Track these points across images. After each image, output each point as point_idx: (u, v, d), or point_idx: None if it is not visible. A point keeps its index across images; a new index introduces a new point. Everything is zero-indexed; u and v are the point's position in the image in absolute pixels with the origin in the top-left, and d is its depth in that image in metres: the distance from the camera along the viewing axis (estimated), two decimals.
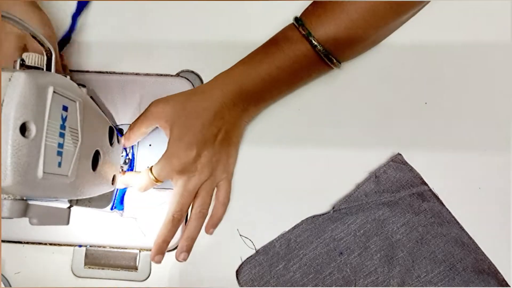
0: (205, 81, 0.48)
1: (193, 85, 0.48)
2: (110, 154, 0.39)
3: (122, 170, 0.46)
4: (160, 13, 0.50)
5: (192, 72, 0.49)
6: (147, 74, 0.49)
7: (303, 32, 0.41)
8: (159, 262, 0.42)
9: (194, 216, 0.43)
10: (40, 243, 0.46)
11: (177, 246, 0.44)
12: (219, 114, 0.43)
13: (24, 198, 0.27)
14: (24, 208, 0.27)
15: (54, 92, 0.28)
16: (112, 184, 0.41)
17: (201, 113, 0.42)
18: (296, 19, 0.42)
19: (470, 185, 0.46)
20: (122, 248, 0.45)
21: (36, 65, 0.30)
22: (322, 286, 0.44)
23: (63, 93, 0.29)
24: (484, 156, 0.46)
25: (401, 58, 0.48)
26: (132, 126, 0.44)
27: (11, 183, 0.25)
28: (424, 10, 0.48)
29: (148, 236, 0.45)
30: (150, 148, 0.47)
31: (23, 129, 0.25)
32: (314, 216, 0.45)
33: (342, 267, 0.44)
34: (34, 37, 0.30)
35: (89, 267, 0.45)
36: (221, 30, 0.49)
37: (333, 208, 0.45)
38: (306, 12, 0.43)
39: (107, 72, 0.49)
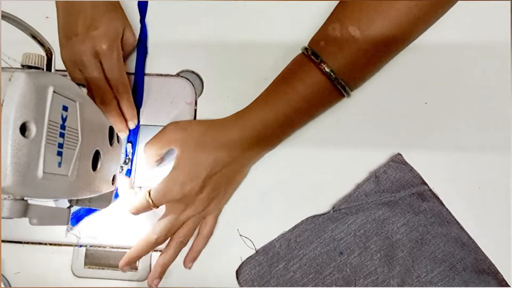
0: (205, 81, 0.48)
1: (193, 85, 0.48)
2: (110, 154, 0.39)
3: (122, 170, 0.46)
4: (160, 13, 0.50)
5: (192, 72, 0.49)
6: (147, 74, 0.49)
7: (321, 65, 0.40)
8: (126, 271, 0.42)
9: (175, 244, 0.43)
10: (40, 243, 0.46)
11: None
12: (232, 154, 0.42)
13: (24, 198, 0.27)
14: (24, 208, 0.27)
15: (54, 92, 0.28)
16: (112, 184, 0.41)
17: (216, 150, 0.41)
18: (306, 49, 0.42)
19: (470, 185, 0.46)
20: (122, 248, 0.45)
21: (36, 65, 0.30)
22: (322, 286, 0.44)
23: (63, 93, 0.29)
24: (484, 156, 0.46)
25: (401, 58, 0.48)
26: (147, 146, 0.43)
27: (11, 183, 0.25)
28: None
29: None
30: None
31: (23, 129, 0.25)
32: (314, 216, 0.45)
33: (342, 267, 0.44)
34: (34, 37, 0.30)
35: (89, 267, 0.45)
36: (221, 30, 0.49)
37: (333, 208, 0.45)
38: (318, 46, 0.42)
39: None
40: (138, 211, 0.42)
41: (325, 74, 0.40)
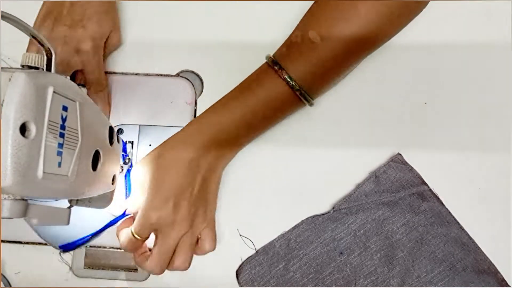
0: (205, 81, 0.48)
1: (193, 85, 0.48)
2: (110, 154, 0.39)
3: (122, 170, 0.46)
4: (160, 13, 0.50)
5: (192, 72, 0.49)
6: (147, 74, 0.49)
7: (279, 72, 0.40)
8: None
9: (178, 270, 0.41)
10: (40, 243, 0.46)
11: None
12: (193, 163, 0.41)
13: (24, 198, 0.27)
14: (24, 208, 0.27)
15: (54, 92, 0.28)
16: (112, 184, 0.41)
17: (175, 165, 0.41)
18: (270, 59, 0.41)
19: (470, 185, 0.46)
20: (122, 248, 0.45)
21: (36, 65, 0.30)
22: (322, 286, 0.44)
23: (63, 93, 0.29)
24: (484, 156, 0.46)
25: (400, 58, 0.48)
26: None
27: (11, 183, 0.25)
28: (424, 10, 0.48)
29: None
30: (150, 148, 0.47)
31: (23, 129, 0.25)
32: (314, 216, 0.45)
33: (342, 267, 0.44)
34: (34, 37, 0.30)
35: (89, 267, 0.45)
36: (221, 30, 0.49)
37: (333, 208, 0.45)
38: (280, 53, 0.42)
39: (107, 72, 0.49)
40: (129, 249, 0.41)
41: (284, 80, 0.40)
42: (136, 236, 0.40)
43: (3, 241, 0.45)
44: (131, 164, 0.47)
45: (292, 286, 0.44)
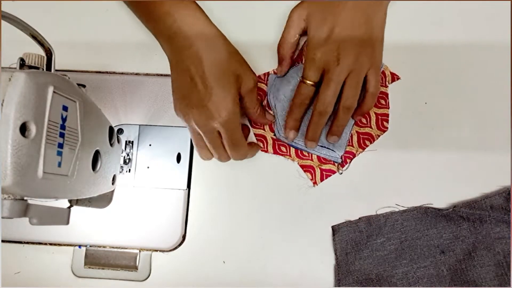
0: None
1: None
2: (110, 154, 0.39)
3: (122, 170, 0.46)
4: None
5: None
6: (147, 74, 0.49)
7: None
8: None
9: (341, 108, 0.43)
10: (40, 243, 0.46)
11: (177, 246, 0.45)
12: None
13: (24, 198, 0.27)
14: (24, 208, 0.27)
15: (54, 92, 0.28)
16: (112, 184, 0.41)
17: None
18: None
19: (470, 185, 0.46)
20: (122, 248, 0.45)
21: (36, 65, 0.30)
22: (413, 275, 0.43)
23: (63, 93, 0.29)
24: (484, 156, 0.46)
25: (401, 58, 0.48)
26: (280, 43, 0.46)
27: (11, 183, 0.25)
28: (424, 10, 0.48)
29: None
30: (150, 148, 0.47)
31: (23, 129, 0.25)
32: (428, 208, 0.45)
33: (440, 265, 0.43)
34: (34, 37, 0.30)
35: (89, 267, 0.45)
36: (221, 30, 0.49)
37: (454, 207, 0.44)
38: None
39: (107, 72, 0.49)
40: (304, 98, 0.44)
41: None
42: (307, 81, 0.43)
43: (3, 241, 0.45)
44: (131, 164, 0.46)
45: (384, 263, 0.44)
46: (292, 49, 0.46)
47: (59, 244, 0.46)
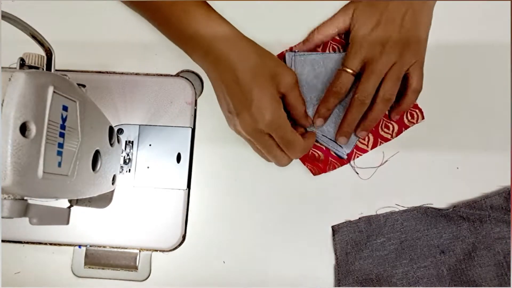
0: (205, 82, 0.48)
1: (193, 85, 0.48)
2: (110, 154, 0.39)
3: (122, 170, 0.46)
4: None
5: (192, 72, 0.49)
6: (147, 74, 0.49)
7: None
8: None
9: (380, 100, 0.43)
10: (40, 243, 0.46)
11: (177, 246, 0.45)
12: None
13: (24, 198, 0.27)
14: (24, 208, 0.27)
15: (54, 91, 0.28)
16: (112, 184, 0.41)
17: None
18: None
19: (470, 185, 0.46)
20: (122, 248, 0.45)
21: (36, 65, 0.30)
22: (413, 275, 0.43)
23: (63, 93, 0.29)
24: (484, 156, 0.46)
25: None
26: (317, 28, 0.46)
27: (11, 183, 0.25)
28: None
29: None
30: (150, 148, 0.47)
31: (23, 129, 0.25)
32: (428, 208, 0.45)
33: (440, 265, 0.43)
34: (34, 37, 0.30)
35: (89, 267, 0.45)
36: None
37: (454, 207, 0.44)
38: None
39: (107, 72, 0.49)
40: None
41: None
42: (347, 69, 0.43)
43: (3, 241, 0.45)
44: (131, 164, 0.46)
45: (384, 263, 0.44)
46: (326, 38, 0.47)
47: (59, 244, 0.46)
